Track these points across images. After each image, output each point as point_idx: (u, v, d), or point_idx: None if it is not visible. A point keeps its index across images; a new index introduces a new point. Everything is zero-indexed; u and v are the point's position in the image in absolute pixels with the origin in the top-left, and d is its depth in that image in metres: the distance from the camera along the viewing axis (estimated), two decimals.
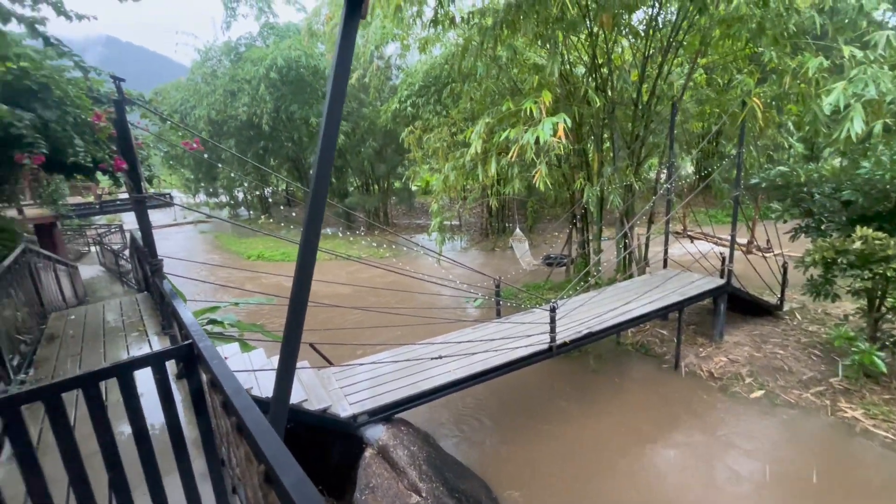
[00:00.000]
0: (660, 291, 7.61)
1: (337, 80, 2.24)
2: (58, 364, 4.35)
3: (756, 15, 6.45)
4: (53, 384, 1.73)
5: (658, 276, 8.69)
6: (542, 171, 6.53)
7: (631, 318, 6.73)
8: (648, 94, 8.73)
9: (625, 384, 7.56)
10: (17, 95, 3.70)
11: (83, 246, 18.44)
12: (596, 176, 9.29)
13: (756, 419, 6.21)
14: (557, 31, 7.14)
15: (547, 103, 6.37)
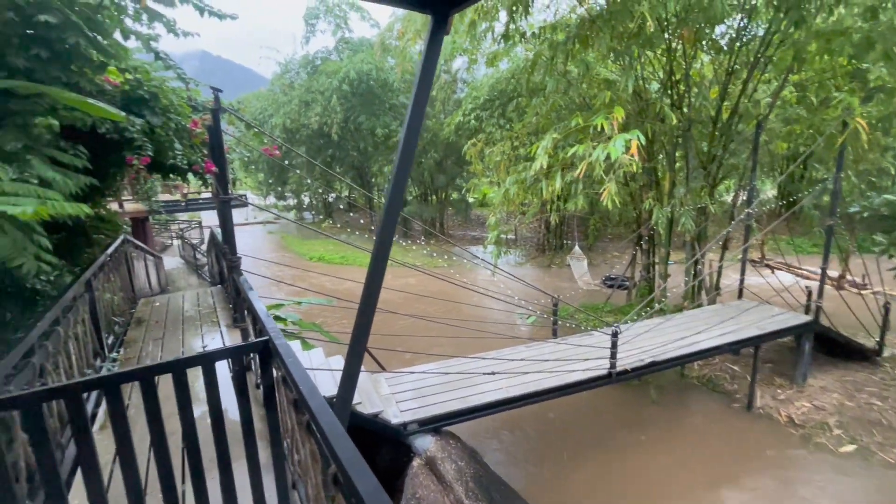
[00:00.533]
0: (733, 324, 7.03)
1: (419, 93, 2.28)
2: (143, 346, 4.76)
3: (863, 28, 5.86)
4: (149, 367, 1.88)
5: (731, 306, 8.03)
6: (610, 189, 6.29)
7: (699, 349, 6.26)
8: (729, 112, 8.18)
9: (688, 420, 7.01)
10: (131, 103, 4.15)
11: (167, 239, 20.27)
12: (666, 196, 8.81)
13: (846, 477, 5.50)
14: (633, 46, 6.90)
15: (619, 119, 6.15)
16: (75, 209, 2.79)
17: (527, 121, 11.41)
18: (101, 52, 4.00)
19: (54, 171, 3.14)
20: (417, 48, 17.81)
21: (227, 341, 4.80)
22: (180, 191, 18.64)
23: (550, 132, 7.50)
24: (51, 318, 2.69)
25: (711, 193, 8.46)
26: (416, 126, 2.33)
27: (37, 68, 3.46)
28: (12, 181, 2.80)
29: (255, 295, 3.01)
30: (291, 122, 21.72)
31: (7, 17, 3.32)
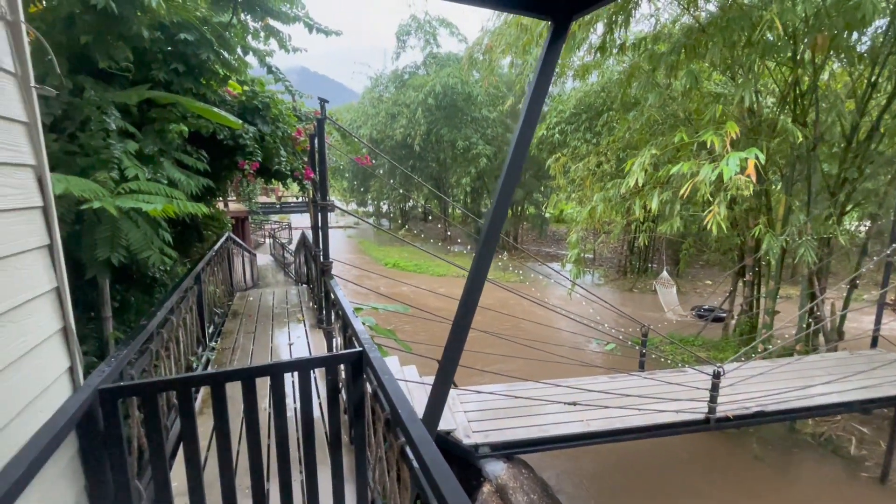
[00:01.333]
0: (865, 377, 5.94)
1: (533, 103, 2.14)
2: (237, 338, 5.09)
3: None
4: (251, 369, 1.91)
5: (862, 356, 6.83)
6: (717, 212, 5.67)
7: (821, 404, 5.37)
8: (869, 129, 7.06)
9: (799, 484, 6.03)
10: (246, 112, 4.51)
11: (260, 238, 22.09)
12: (779, 223, 7.79)
13: None
14: (752, 55, 6.21)
15: (733, 136, 5.53)
16: (195, 208, 3.01)
17: (618, 135, 10.82)
18: (226, 66, 4.38)
19: (180, 173, 3.44)
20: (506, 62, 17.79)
21: (311, 340, 4.97)
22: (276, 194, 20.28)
23: (647, 148, 6.98)
24: (168, 307, 2.91)
25: (839, 222, 7.32)
26: (526, 137, 2.19)
27: (173, 81, 3.86)
28: (147, 181, 3.09)
29: (347, 301, 3.03)
30: (378, 133, 22.77)
31: (156, 35, 3.73)
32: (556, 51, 2.15)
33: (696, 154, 7.65)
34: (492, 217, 2.16)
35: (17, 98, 1.46)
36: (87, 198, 2.48)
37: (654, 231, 11.47)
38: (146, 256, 2.79)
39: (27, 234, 1.48)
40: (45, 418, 1.48)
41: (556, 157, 12.27)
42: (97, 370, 1.81)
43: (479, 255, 2.17)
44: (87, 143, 3.01)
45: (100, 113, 3.04)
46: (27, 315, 1.44)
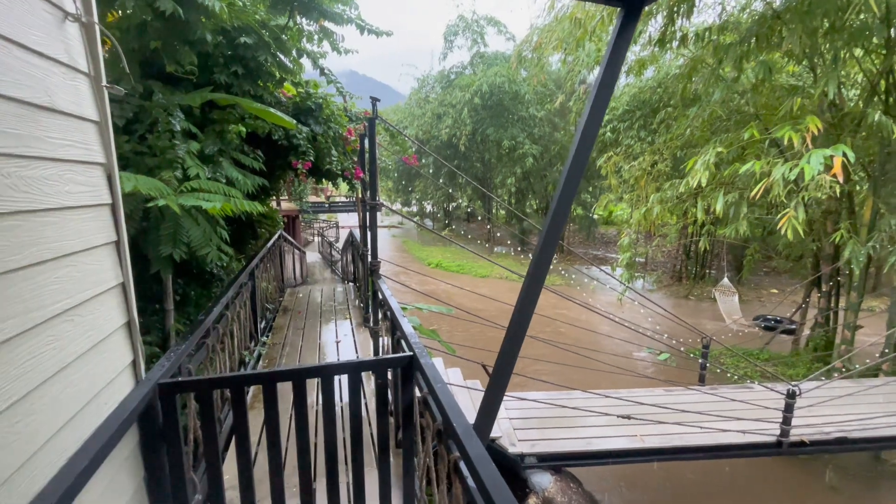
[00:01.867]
0: None
1: (599, 95, 1.98)
2: (287, 333, 5.21)
3: None
4: (301, 369, 1.89)
5: None
6: (793, 215, 5.17)
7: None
8: None
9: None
10: (300, 113, 4.61)
11: (310, 236, 22.87)
12: (864, 228, 7.02)
13: None
14: (837, 41, 5.62)
15: (814, 131, 5.01)
16: (251, 206, 3.07)
17: (675, 133, 10.23)
18: (282, 68, 4.49)
19: (238, 172, 3.54)
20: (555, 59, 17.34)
21: (357, 339, 5.01)
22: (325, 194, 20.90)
23: (712, 145, 6.50)
24: (223, 303, 2.99)
25: None
26: (591, 132, 2.03)
27: (233, 83, 3.98)
28: (207, 180, 3.19)
29: (396, 302, 2.98)
30: (423, 134, 22.93)
31: (218, 40, 3.86)
32: (626, 39, 1.98)
33: (765, 152, 7.05)
34: (551, 220, 2.02)
35: (89, 98, 1.50)
36: (153, 196, 2.58)
37: (714, 234, 10.71)
38: (205, 253, 2.87)
39: (96, 230, 1.52)
40: (109, 411, 1.52)
41: (609, 157, 11.79)
42: (157, 364, 1.85)
43: (537, 261, 2.04)
44: (155, 144, 3.15)
45: (166, 115, 3.17)
46: (95, 309, 1.48)
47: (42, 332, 1.20)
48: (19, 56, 1.17)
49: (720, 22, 7.86)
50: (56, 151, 1.30)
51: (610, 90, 2.03)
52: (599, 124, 2.06)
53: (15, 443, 1.08)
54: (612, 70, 1.98)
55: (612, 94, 2.10)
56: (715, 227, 11.16)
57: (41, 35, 1.25)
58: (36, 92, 1.22)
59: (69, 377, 1.32)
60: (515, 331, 2.13)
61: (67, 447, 1.30)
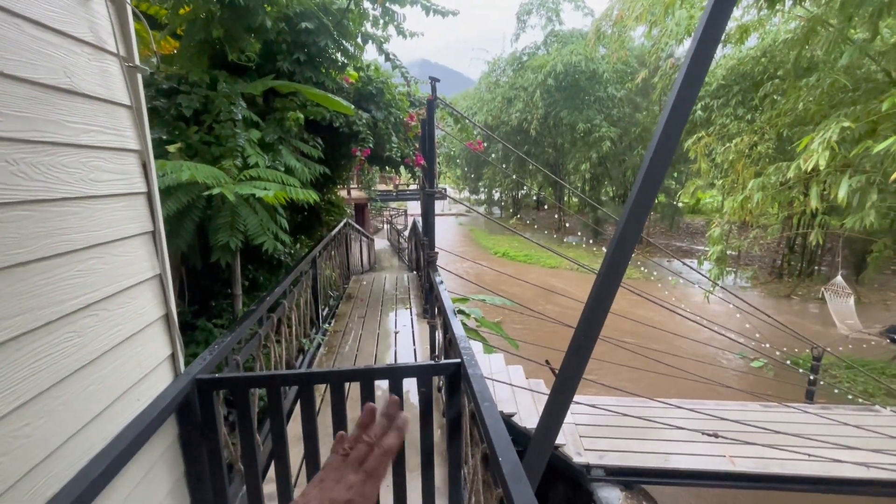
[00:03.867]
0: None
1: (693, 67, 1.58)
2: (349, 321, 5.25)
3: None
4: (340, 372, 1.74)
5: None
6: None
7: None
8: None
9: None
10: (361, 98, 4.53)
11: (380, 223, 23.49)
12: None
13: None
14: None
15: None
16: (305, 195, 3.01)
17: (784, 108, 8.86)
18: (344, 53, 4.41)
19: (297, 160, 3.52)
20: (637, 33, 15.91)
21: (417, 330, 4.90)
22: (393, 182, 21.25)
23: (835, 120, 5.45)
24: (278, 292, 2.98)
25: None
26: (683, 112, 1.66)
27: (295, 70, 3.97)
28: (266, 168, 3.19)
29: (448, 297, 2.77)
30: (493, 119, 22.38)
31: (280, 27, 3.85)
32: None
33: None
34: (631, 210, 1.68)
35: (120, 81, 1.43)
36: (210, 184, 2.59)
37: (829, 226, 9.19)
38: (261, 241, 2.87)
39: (129, 220, 1.46)
40: (142, 408, 1.47)
41: (699, 137, 10.56)
42: (198, 358, 1.81)
43: (613, 256, 1.71)
44: (219, 133, 3.20)
45: (228, 104, 3.20)
46: (126, 303, 1.43)
47: (58, 329, 1.14)
48: (32, 34, 1.09)
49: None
50: (78, 137, 1.23)
51: (707, 62, 1.63)
52: (693, 102, 1.67)
53: (19, 448, 1.01)
54: (708, 38, 1.58)
55: (708, 67, 1.69)
56: (829, 218, 9.59)
57: (59, 11, 1.17)
58: (52, 72, 1.14)
59: (93, 375, 1.26)
60: (587, 330, 1.83)
61: (94, 445, 1.26)
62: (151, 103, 3.15)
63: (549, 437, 2.01)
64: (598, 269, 1.85)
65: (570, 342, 1.88)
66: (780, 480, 3.89)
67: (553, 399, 1.97)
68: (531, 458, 2.02)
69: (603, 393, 5.50)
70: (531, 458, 2.02)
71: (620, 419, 4.51)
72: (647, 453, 4.14)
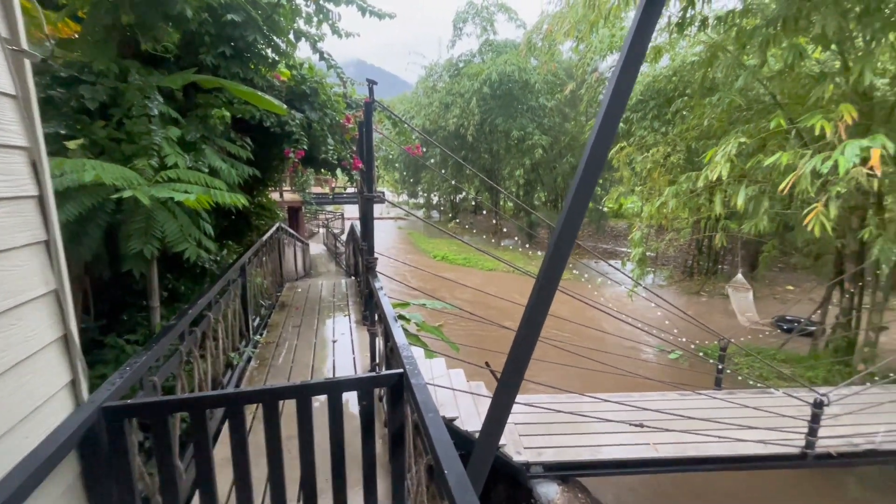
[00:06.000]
0: None
1: (622, 78, 1.68)
2: (283, 331, 4.98)
3: None
4: (274, 390, 1.63)
5: None
6: (821, 211, 4.81)
7: None
8: None
9: None
10: (294, 98, 4.33)
11: (315, 227, 22.68)
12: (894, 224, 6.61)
13: None
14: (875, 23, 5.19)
15: (849, 120, 4.63)
16: (233, 199, 2.81)
17: (691, 123, 9.81)
18: (275, 49, 4.19)
19: (223, 161, 3.28)
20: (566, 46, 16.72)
21: (356, 338, 4.76)
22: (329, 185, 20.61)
23: (734, 136, 6.12)
24: (202, 303, 2.74)
25: None
26: (612, 123, 1.75)
27: (220, 65, 3.70)
28: (188, 169, 2.93)
29: (389, 304, 2.72)
30: (430, 124, 22.51)
31: (203, 17, 3.58)
32: (653, 14, 1.68)
33: (789, 143, 6.64)
34: (567, 215, 1.74)
35: (2, 66, 1.23)
36: (121, 186, 2.33)
37: (730, 230, 10.30)
38: (181, 250, 2.62)
39: (16, 228, 1.26)
40: (35, 443, 1.27)
41: (621, 147, 11.38)
42: (106, 383, 1.60)
43: (551, 261, 1.76)
44: (131, 130, 2.89)
45: (143, 97, 2.91)
46: (13, 324, 1.22)
47: None
48: None
49: (744, 5, 7.42)
50: None
51: (633, 75, 1.74)
52: (621, 113, 1.77)
53: None
54: (635, 53, 1.69)
55: (635, 79, 1.81)
56: (730, 222, 10.75)
57: None
58: None
59: None
60: (527, 334, 1.86)
61: None
62: (46, 93, 2.77)
63: (492, 441, 2.03)
64: (533, 272, 1.91)
65: (512, 345, 1.92)
66: (696, 462, 4.26)
67: (495, 403, 1.99)
68: (476, 462, 2.03)
69: (539, 391, 5.70)
70: (476, 462, 2.03)
71: (556, 416, 4.69)
72: (581, 447, 4.34)
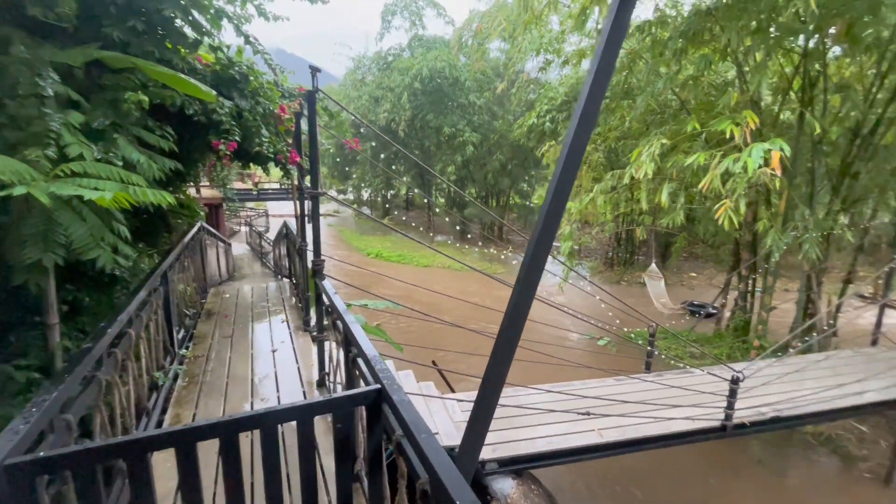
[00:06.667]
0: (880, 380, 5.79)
1: (597, 79, 1.67)
2: (212, 343, 4.49)
3: None
4: (232, 421, 1.39)
5: (865, 355, 6.73)
6: (730, 206, 5.35)
7: (840, 407, 5.17)
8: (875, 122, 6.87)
9: (805, 488, 5.89)
10: (221, 84, 3.88)
11: (236, 225, 21.06)
12: (780, 218, 7.58)
13: None
14: (767, 40, 5.87)
15: (752, 126, 5.19)
16: (157, 197, 2.43)
17: (613, 124, 10.47)
18: (196, 28, 3.72)
19: (140, 153, 2.83)
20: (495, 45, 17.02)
21: (297, 346, 4.43)
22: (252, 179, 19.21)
23: (655, 137, 6.61)
24: (122, 320, 2.34)
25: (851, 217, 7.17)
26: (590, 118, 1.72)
27: (132, 42, 3.19)
28: (96, 161, 2.48)
29: (344, 307, 2.52)
30: (360, 118, 21.92)
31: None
32: (626, 12, 1.69)
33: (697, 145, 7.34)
34: (545, 218, 1.70)
35: None
36: (8, 181, 1.89)
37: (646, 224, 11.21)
38: (93, 258, 2.21)
39: None
40: None
41: (550, 146, 11.87)
42: (6, 432, 1.26)
43: (531, 261, 1.70)
44: (17, 113, 2.38)
45: (31, 74, 2.40)
46: None
47: None
48: None
49: (657, 16, 8.03)
50: None
51: (608, 75, 1.74)
52: (597, 113, 1.77)
53: None
54: (612, 44, 1.69)
55: (609, 79, 1.82)
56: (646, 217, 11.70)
57: None
58: None
59: None
60: (506, 343, 1.80)
61: None
62: None
63: (475, 451, 1.95)
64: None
65: (492, 350, 1.85)
66: (635, 443, 4.55)
67: (476, 411, 1.91)
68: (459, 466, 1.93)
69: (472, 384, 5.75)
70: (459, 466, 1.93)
71: (507, 410, 4.75)
72: (532, 439, 4.42)
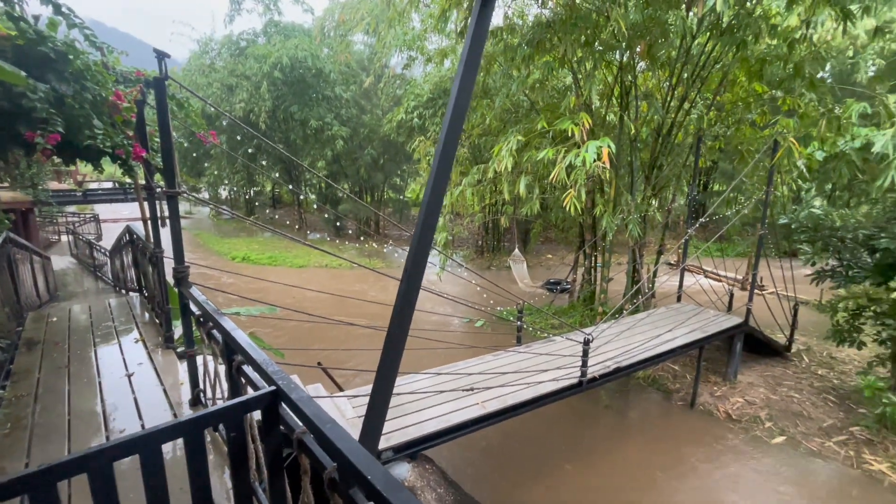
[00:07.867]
0: (685, 327, 7.40)
1: (465, 75, 1.88)
2: (41, 377, 3.72)
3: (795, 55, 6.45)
4: (106, 448, 1.25)
5: (673, 310, 8.52)
6: (574, 195, 6.28)
7: (660, 353, 6.48)
8: (670, 124, 8.69)
9: (640, 419, 7.29)
10: (31, 64, 3.16)
11: (52, 234, 17.20)
12: (611, 203, 9.12)
13: (783, 466, 5.99)
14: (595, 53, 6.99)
15: (587, 125, 6.15)
16: None
17: (474, 122, 11.26)
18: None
19: None
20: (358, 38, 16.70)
21: (159, 366, 3.93)
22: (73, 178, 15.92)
23: (513, 134, 7.35)
24: None
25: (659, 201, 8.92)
26: (460, 112, 1.92)
27: None
28: None
29: (227, 320, 2.36)
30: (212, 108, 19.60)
31: None
32: (487, 14, 1.92)
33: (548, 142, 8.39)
34: (425, 212, 1.86)
35: None
36: None
37: (512, 213, 12.39)
38: None
39: None
40: None
41: (419, 141, 12.25)
42: None
43: (415, 253, 1.85)
44: None
45: None
46: None
47: None
48: None
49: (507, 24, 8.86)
50: None
51: (475, 66, 1.95)
52: (466, 108, 1.98)
53: None
54: (476, 42, 1.90)
55: (475, 75, 2.03)
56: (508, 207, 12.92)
57: None
58: None
59: None
60: (396, 333, 1.92)
61: None
62: None
63: (374, 441, 2.04)
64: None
65: (385, 340, 1.95)
66: (514, 409, 5.10)
67: (373, 402, 2.00)
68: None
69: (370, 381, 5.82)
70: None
71: (398, 399, 4.90)
72: (423, 422, 4.65)
